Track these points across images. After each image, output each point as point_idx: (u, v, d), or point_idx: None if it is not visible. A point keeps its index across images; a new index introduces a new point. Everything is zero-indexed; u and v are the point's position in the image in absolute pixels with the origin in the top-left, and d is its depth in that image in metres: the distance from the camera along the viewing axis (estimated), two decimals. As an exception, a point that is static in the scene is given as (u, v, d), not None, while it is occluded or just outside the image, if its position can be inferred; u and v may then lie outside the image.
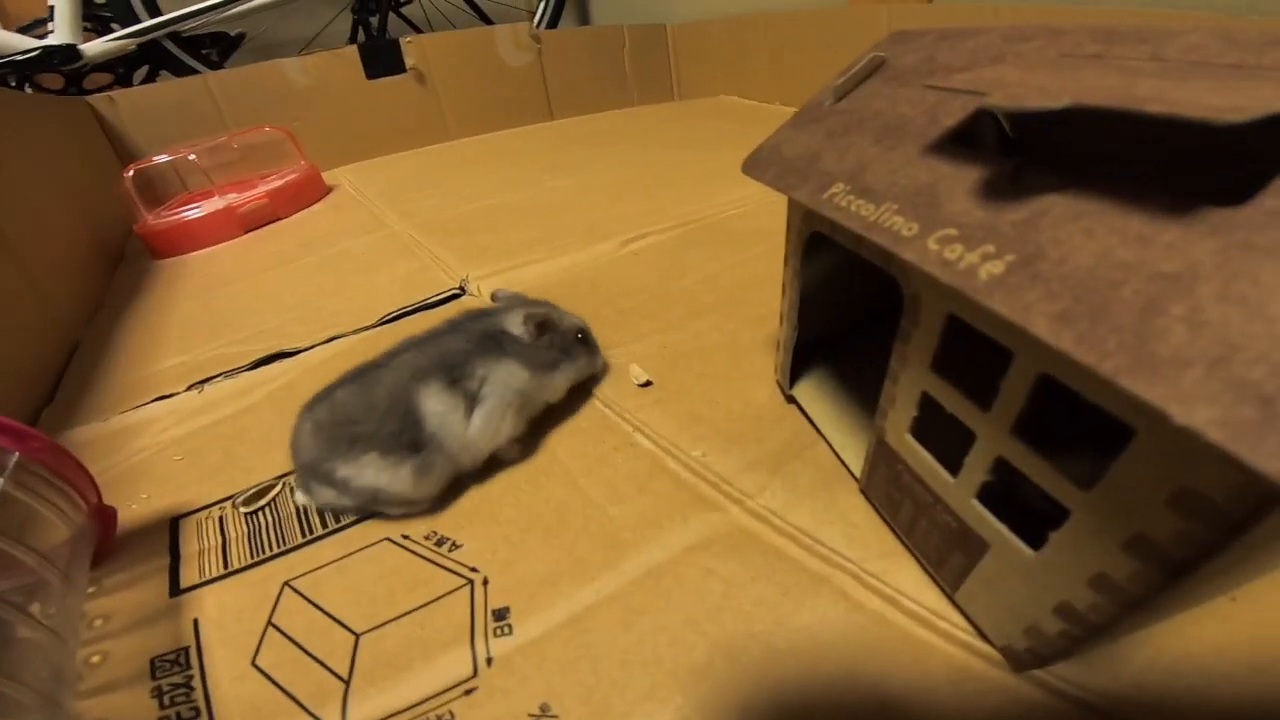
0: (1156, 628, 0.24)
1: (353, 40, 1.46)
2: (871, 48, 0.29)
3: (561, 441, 0.38)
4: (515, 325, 0.36)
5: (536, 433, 0.38)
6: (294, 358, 0.50)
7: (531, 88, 1.32)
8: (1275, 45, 0.17)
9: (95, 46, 1.11)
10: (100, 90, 1.04)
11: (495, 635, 0.27)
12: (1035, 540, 0.20)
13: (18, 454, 0.29)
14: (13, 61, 1.04)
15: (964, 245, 0.18)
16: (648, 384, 0.40)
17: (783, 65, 1.22)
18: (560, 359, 0.37)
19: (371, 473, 0.32)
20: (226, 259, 0.76)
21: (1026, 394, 0.19)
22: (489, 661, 0.26)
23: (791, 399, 0.37)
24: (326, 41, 1.48)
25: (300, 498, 0.35)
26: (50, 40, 1.09)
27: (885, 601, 0.27)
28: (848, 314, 0.37)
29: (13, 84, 1.08)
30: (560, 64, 1.33)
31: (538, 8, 1.58)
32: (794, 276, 0.32)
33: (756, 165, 0.30)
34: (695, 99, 1.44)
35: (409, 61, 1.17)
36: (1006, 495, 0.22)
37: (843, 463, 0.33)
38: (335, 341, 0.51)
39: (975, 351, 0.22)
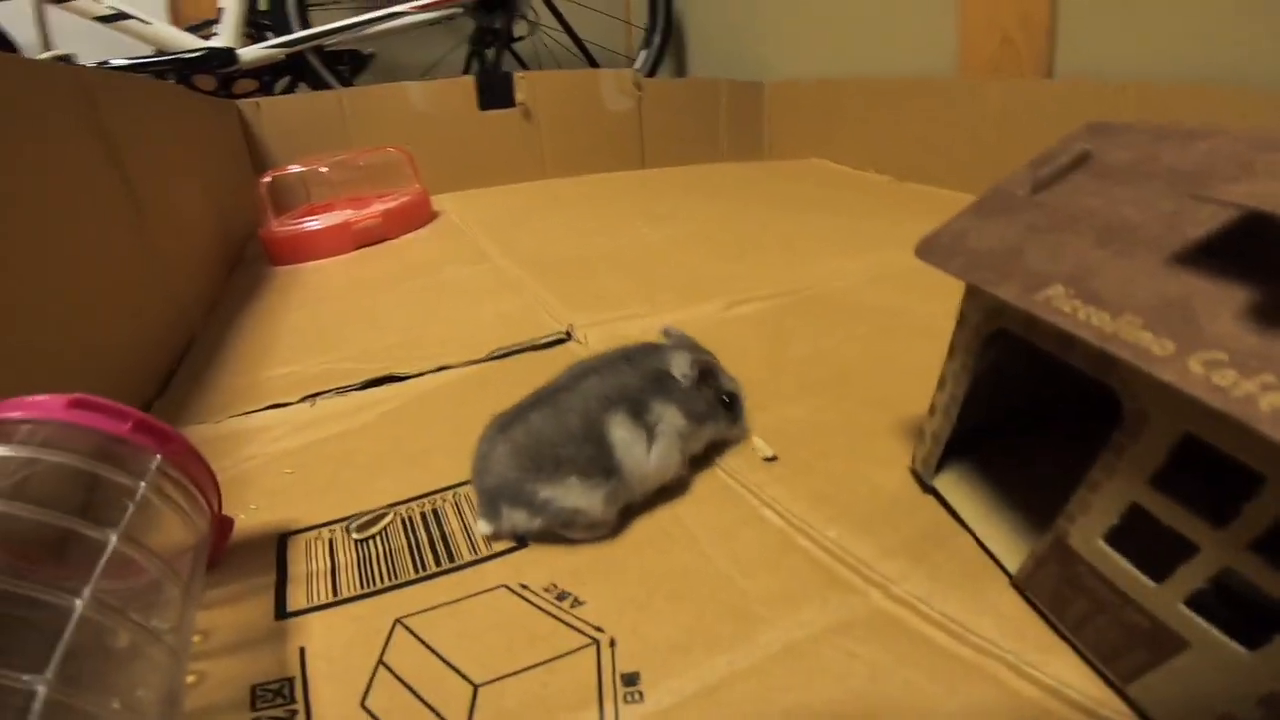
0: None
1: (466, 71, 1.53)
2: (1069, 137, 0.29)
3: (686, 508, 0.36)
4: (678, 368, 0.36)
5: (659, 496, 0.37)
6: (403, 383, 0.50)
7: (627, 134, 1.36)
8: None
9: (251, 52, 1.19)
10: (246, 95, 1.11)
11: (626, 701, 0.26)
12: (1247, 638, 0.20)
13: (159, 456, 0.28)
14: (176, 60, 1.11)
15: (1237, 372, 0.17)
16: (773, 459, 0.39)
17: (879, 132, 1.20)
18: (708, 413, 0.37)
19: (575, 495, 0.32)
20: (337, 273, 0.79)
21: (1276, 517, 0.18)
22: (622, 730, 0.25)
23: (930, 489, 0.36)
24: (443, 70, 1.56)
25: (483, 526, 0.34)
26: (213, 42, 1.16)
27: (1045, 691, 0.25)
28: (996, 415, 0.36)
29: (171, 81, 1.14)
30: (657, 112, 1.37)
31: (640, 54, 1.64)
32: (962, 371, 0.31)
33: (937, 252, 0.29)
34: (785, 159, 1.46)
35: (519, 96, 1.22)
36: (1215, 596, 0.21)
37: (991, 556, 0.31)
38: (444, 371, 0.52)
39: (1196, 465, 0.21)
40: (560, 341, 0.57)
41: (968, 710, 0.25)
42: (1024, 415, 0.37)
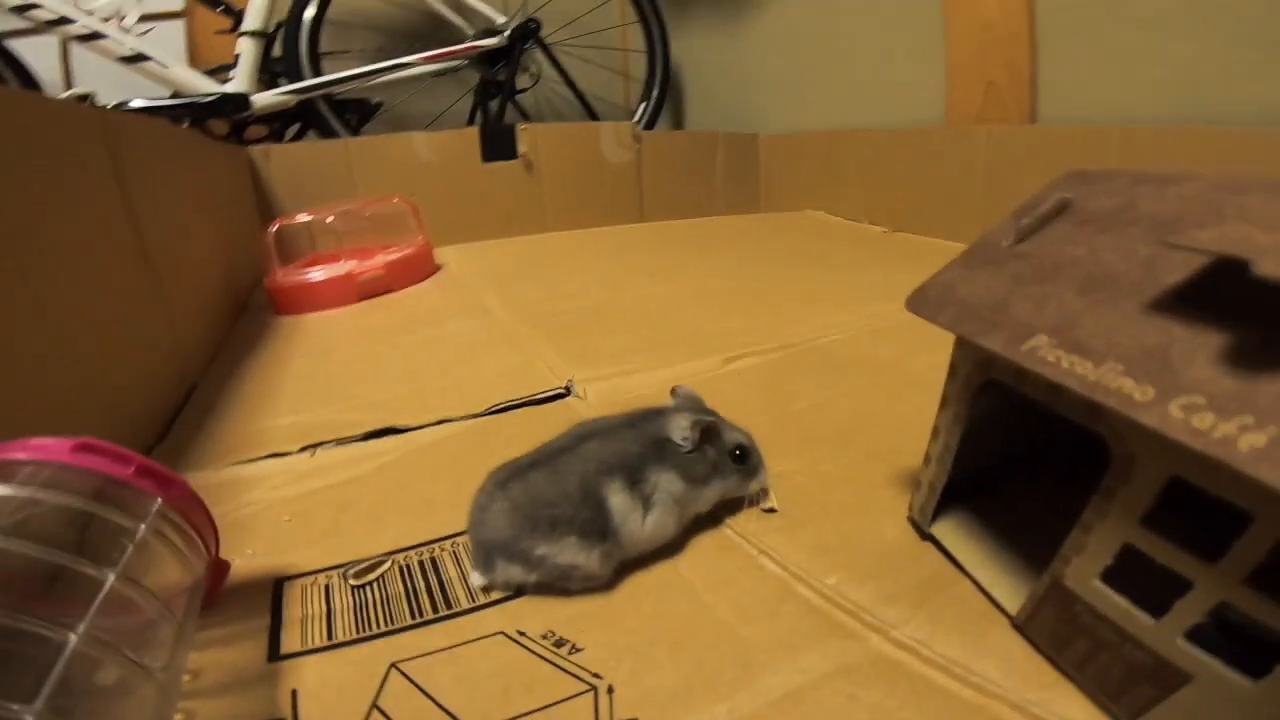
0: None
1: (471, 122, 1.56)
2: (1050, 186, 0.30)
3: (684, 559, 0.36)
4: (678, 432, 0.36)
5: (657, 549, 0.37)
6: (403, 435, 0.51)
7: (627, 186, 1.39)
8: None
9: (264, 98, 1.21)
10: (256, 141, 1.13)
11: (624, 750, 0.25)
12: (1250, 668, 0.20)
13: (160, 499, 0.29)
14: (192, 103, 1.14)
15: (1215, 415, 0.18)
16: (772, 510, 0.40)
17: (873, 183, 1.24)
18: (711, 475, 0.37)
19: (571, 552, 0.32)
20: (340, 324, 0.80)
21: (1266, 551, 0.18)
22: (621, 777, 0.24)
23: (929, 537, 0.36)
24: (447, 121, 1.60)
25: (476, 578, 0.34)
26: (228, 87, 1.19)
27: None
28: (991, 462, 0.36)
29: (186, 124, 1.17)
30: (655, 165, 1.40)
31: (639, 107, 1.69)
32: (954, 422, 0.32)
33: (927, 305, 0.30)
34: (782, 211, 1.48)
35: (521, 148, 1.25)
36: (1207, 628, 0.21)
37: (992, 600, 0.31)
38: (444, 425, 0.52)
39: (1184, 504, 0.21)
40: (560, 396, 0.57)
41: None
42: (1017, 460, 0.37)
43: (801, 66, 1.43)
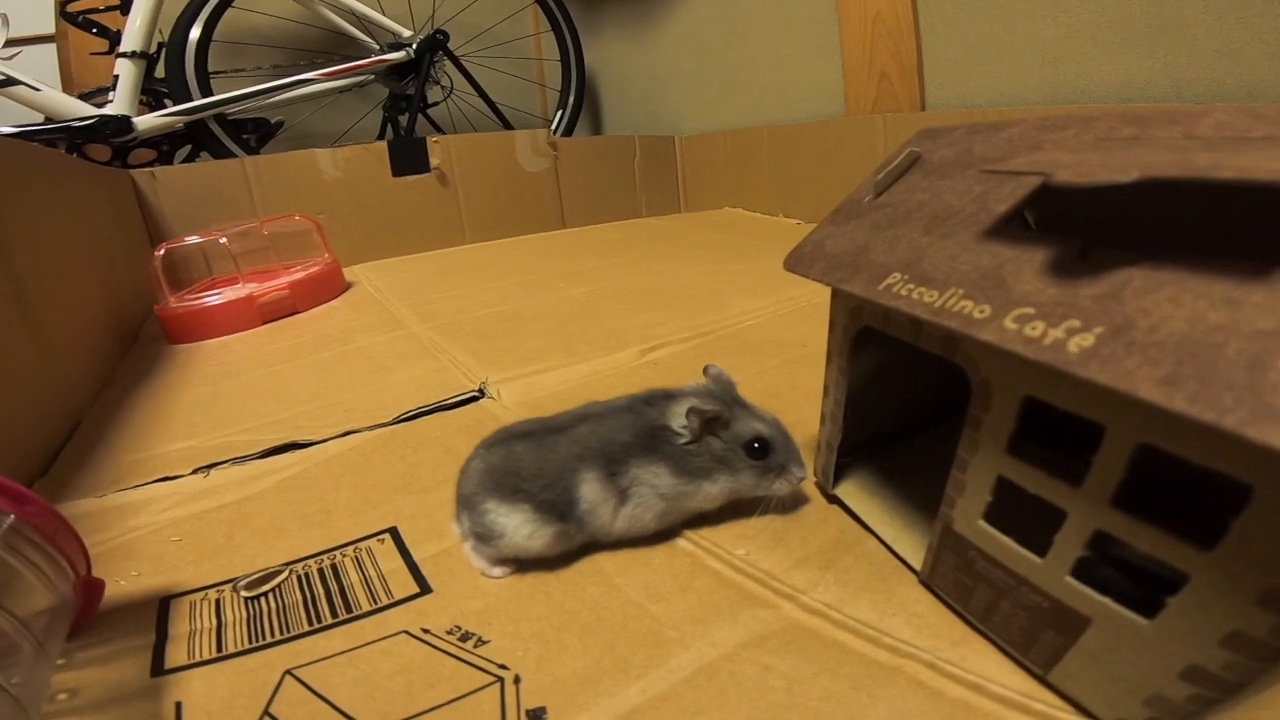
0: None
1: (380, 138, 1.52)
2: (905, 144, 0.32)
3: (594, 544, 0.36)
4: (676, 419, 0.33)
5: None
6: (306, 449, 0.49)
7: (546, 195, 1.38)
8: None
9: (147, 121, 1.14)
10: (142, 166, 1.07)
11: (531, 738, 0.25)
12: (1145, 608, 0.20)
13: (13, 516, 0.28)
14: (68, 127, 1.07)
15: (1045, 322, 0.19)
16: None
17: (784, 177, 1.27)
18: (715, 469, 0.33)
19: (516, 522, 0.32)
20: (241, 349, 0.76)
21: (1125, 465, 0.19)
22: (525, 765, 0.23)
23: (834, 499, 0.36)
24: (356, 137, 1.55)
25: (454, 528, 0.36)
26: (107, 110, 1.11)
27: (968, 688, 0.25)
28: (888, 419, 0.37)
29: (62, 150, 1.09)
30: (574, 172, 1.40)
31: (555, 115, 1.68)
32: (839, 375, 0.33)
33: (800, 262, 0.31)
34: (701, 211, 1.50)
35: (434, 161, 1.23)
36: (1101, 567, 0.21)
37: (898, 556, 0.32)
38: (350, 436, 0.50)
39: (1050, 426, 0.22)
40: (474, 399, 0.56)
41: (892, 716, 0.24)
42: (923, 416, 0.38)
43: (711, 68, 1.46)
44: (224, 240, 0.87)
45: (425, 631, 0.30)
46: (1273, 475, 0.16)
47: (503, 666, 0.28)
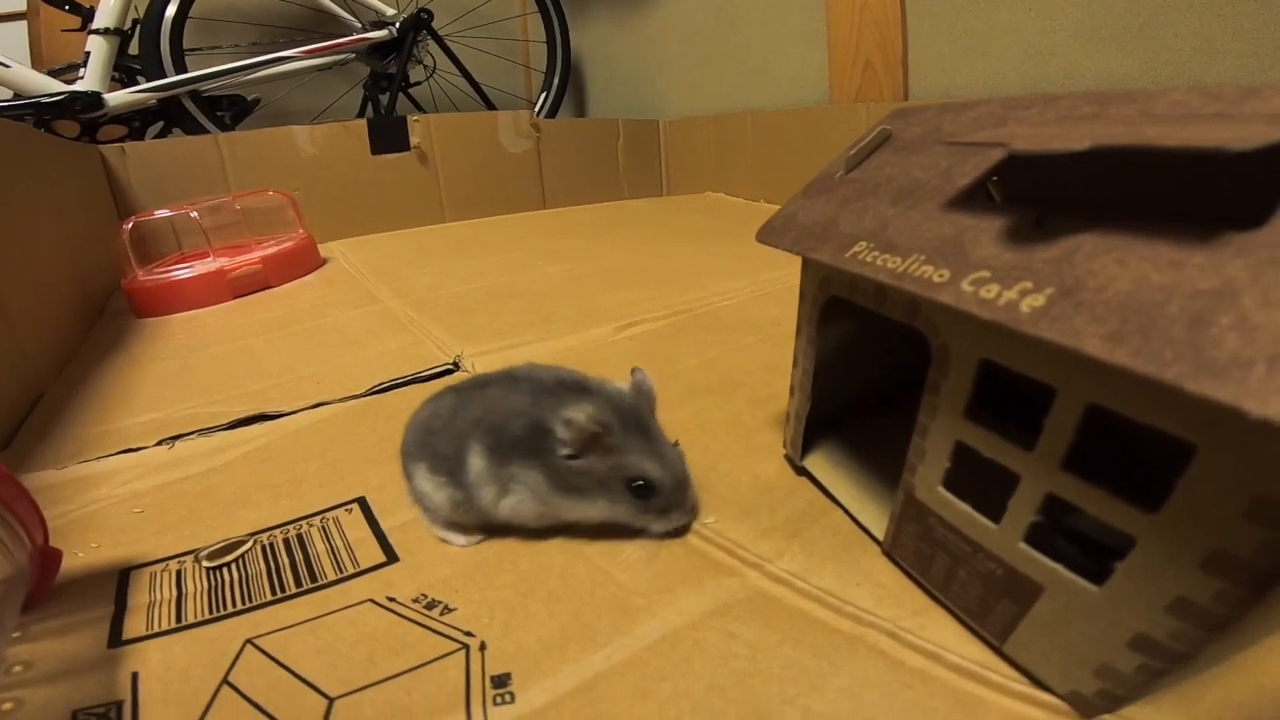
0: (1229, 664, 0.23)
1: (360, 116, 1.50)
2: (878, 123, 0.32)
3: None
4: (560, 427, 0.29)
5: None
6: (275, 421, 0.48)
7: (527, 175, 1.37)
8: (1251, 96, 0.19)
9: (119, 97, 1.12)
10: (113, 142, 1.04)
11: (495, 703, 0.24)
12: (1096, 575, 0.20)
13: None
14: (36, 103, 1.04)
15: (1000, 284, 0.19)
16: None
17: (767, 163, 1.27)
18: (593, 490, 0.31)
19: (419, 481, 0.33)
20: (211, 323, 0.75)
21: (1074, 427, 0.19)
22: (488, 730, 0.23)
23: (803, 471, 0.37)
24: (336, 115, 1.51)
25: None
26: (78, 86, 1.09)
27: (927, 658, 0.25)
28: (856, 392, 0.38)
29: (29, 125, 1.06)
30: (557, 154, 1.39)
31: (539, 97, 1.67)
32: (808, 345, 0.33)
33: (772, 233, 0.31)
34: (683, 194, 1.50)
35: (414, 140, 1.21)
36: (1055, 537, 0.21)
37: (862, 528, 0.32)
38: (321, 408, 0.50)
39: (1008, 398, 0.23)
40: (447, 372, 0.56)
41: (853, 684, 0.25)
42: (891, 389, 0.39)
43: (697, 52, 1.46)
44: (194, 214, 0.86)
45: (391, 600, 0.30)
46: (1214, 434, 0.16)
47: (468, 634, 0.28)
